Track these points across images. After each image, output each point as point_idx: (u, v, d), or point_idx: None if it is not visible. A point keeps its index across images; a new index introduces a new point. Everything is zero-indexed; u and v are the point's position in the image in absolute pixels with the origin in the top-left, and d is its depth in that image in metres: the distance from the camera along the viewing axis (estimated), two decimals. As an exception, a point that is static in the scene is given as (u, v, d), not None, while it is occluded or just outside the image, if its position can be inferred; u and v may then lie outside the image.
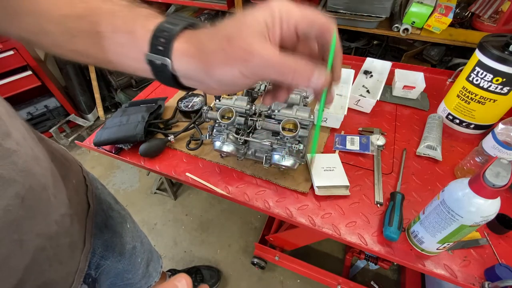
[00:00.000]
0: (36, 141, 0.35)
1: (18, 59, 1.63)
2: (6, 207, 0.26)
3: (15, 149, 0.28)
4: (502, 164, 0.38)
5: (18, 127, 0.32)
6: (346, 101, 0.78)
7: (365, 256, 1.13)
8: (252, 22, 0.24)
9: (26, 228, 0.28)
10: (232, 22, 0.25)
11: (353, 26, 1.22)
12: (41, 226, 0.31)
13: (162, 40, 0.25)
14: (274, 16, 0.25)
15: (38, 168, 0.32)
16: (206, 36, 0.25)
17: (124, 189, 1.77)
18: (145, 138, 0.74)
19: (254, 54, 0.24)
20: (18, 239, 0.28)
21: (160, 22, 0.26)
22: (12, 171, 0.27)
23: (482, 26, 1.07)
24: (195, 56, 0.25)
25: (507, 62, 0.61)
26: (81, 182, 0.47)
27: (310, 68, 0.25)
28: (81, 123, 2.04)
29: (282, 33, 0.26)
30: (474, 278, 0.51)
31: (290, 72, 0.24)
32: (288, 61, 0.24)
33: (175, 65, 0.26)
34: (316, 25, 0.26)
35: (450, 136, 0.77)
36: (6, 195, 0.26)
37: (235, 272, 1.36)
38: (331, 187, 0.64)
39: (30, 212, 0.29)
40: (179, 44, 0.25)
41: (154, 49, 0.25)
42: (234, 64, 0.24)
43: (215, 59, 0.24)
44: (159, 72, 0.26)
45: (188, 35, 0.26)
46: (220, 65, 0.25)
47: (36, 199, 0.30)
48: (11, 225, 0.27)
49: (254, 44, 0.24)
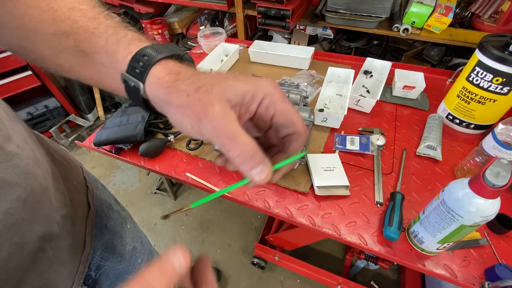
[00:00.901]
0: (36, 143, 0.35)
1: (18, 59, 1.63)
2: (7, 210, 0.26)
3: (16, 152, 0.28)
4: (502, 164, 0.38)
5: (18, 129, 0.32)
6: (346, 101, 0.78)
7: (365, 256, 1.13)
8: (228, 87, 0.24)
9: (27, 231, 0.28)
10: (215, 76, 0.25)
11: (353, 26, 1.22)
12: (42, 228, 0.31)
13: (140, 63, 0.25)
14: (255, 95, 0.24)
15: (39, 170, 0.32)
16: (183, 75, 0.25)
17: (124, 189, 1.77)
18: (145, 138, 0.74)
19: (208, 117, 0.22)
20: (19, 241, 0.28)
21: (143, 46, 0.26)
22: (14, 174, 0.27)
23: (482, 26, 1.07)
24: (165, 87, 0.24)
25: (507, 62, 0.61)
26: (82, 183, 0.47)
27: (258, 159, 0.23)
28: (81, 123, 2.04)
29: (257, 114, 0.25)
30: (474, 278, 0.51)
31: (236, 151, 0.23)
32: (239, 138, 0.23)
33: (147, 90, 0.25)
34: (293, 127, 0.26)
35: (450, 136, 0.77)
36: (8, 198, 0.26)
37: (235, 272, 1.36)
38: (331, 187, 0.64)
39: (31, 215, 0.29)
40: (156, 71, 0.25)
41: (131, 71, 0.25)
42: (187, 114, 0.23)
43: (177, 99, 0.24)
44: (131, 93, 0.26)
45: (168, 65, 0.26)
46: (177, 107, 0.24)
47: (37, 201, 0.30)
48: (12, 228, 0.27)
49: (215, 107, 0.22)
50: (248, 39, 1.54)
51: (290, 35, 1.52)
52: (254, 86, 0.24)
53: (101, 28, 0.27)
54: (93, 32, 0.27)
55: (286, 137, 0.27)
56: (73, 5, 0.27)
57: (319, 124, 0.80)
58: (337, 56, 1.09)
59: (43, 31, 0.27)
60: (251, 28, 1.60)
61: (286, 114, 0.25)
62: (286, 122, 0.26)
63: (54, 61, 0.29)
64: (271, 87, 0.25)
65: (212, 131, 0.23)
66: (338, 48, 1.44)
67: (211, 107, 0.22)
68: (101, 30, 0.27)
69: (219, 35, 1.15)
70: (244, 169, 0.23)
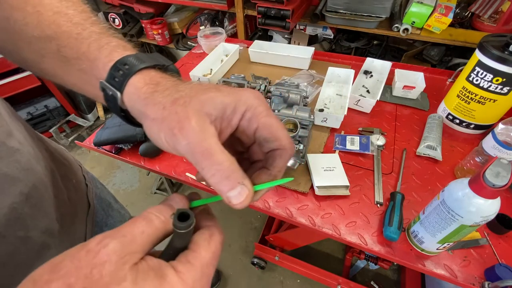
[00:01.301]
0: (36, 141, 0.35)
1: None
2: (11, 204, 0.26)
3: (18, 148, 0.29)
4: (502, 164, 0.38)
5: (18, 127, 0.32)
6: (346, 101, 0.78)
7: (365, 256, 1.13)
8: (207, 100, 0.22)
9: (30, 225, 0.29)
10: (195, 87, 0.23)
11: (353, 26, 1.22)
12: (45, 224, 0.31)
13: (120, 72, 0.24)
14: (237, 108, 0.22)
15: (40, 167, 0.32)
16: (162, 86, 0.23)
17: (124, 189, 1.77)
18: (145, 138, 0.74)
19: (184, 132, 0.20)
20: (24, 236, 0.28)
21: (126, 55, 0.25)
22: (16, 169, 0.28)
23: (482, 26, 1.07)
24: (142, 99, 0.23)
25: (507, 62, 0.61)
26: (81, 182, 0.47)
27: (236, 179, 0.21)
28: (81, 123, 2.04)
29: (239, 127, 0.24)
30: (474, 278, 0.51)
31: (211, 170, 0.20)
32: (216, 155, 0.20)
33: (124, 100, 0.24)
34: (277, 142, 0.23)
35: (450, 136, 0.77)
36: (11, 193, 0.27)
37: (235, 272, 1.36)
38: (331, 187, 0.63)
39: (34, 210, 0.29)
40: (136, 81, 0.24)
41: (110, 79, 0.24)
42: (161, 128, 0.22)
43: (153, 112, 0.22)
44: (109, 102, 0.25)
45: (149, 75, 0.24)
46: (152, 120, 0.22)
47: (39, 197, 0.31)
48: (17, 222, 0.27)
49: (191, 121, 0.20)
50: (248, 39, 1.54)
51: (290, 35, 1.52)
52: (236, 98, 0.23)
53: (85, 34, 0.26)
54: (76, 37, 0.26)
55: (270, 152, 0.25)
56: (59, 9, 0.27)
57: (319, 124, 0.80)
58: (337, 56, 1.09)
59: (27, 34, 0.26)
60: (251, 28, 1.60)
61: (270, 128, 0.23)
62: (270, 136, 0.23)
63: (38, 65, 0.28)
64: (254, 99, 0.23)
65: (186, 147, 0.20)
66: (338, 48, 1.44)
67: (187, 121, 0.21)
68: (84, 36, 0.26)
69: (219, 35, 1.15)
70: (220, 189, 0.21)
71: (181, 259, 0.19)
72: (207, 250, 0.20)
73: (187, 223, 0.19)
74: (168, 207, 0.21)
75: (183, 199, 0.23)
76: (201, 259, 0.19)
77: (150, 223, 0.19)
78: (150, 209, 0.20)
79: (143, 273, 0.17)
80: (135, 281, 0.16)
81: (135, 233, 0.18)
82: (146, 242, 0.18)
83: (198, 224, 0.22)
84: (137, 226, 0.18)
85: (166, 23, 1.71)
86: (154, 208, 0.20)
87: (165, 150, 0.24)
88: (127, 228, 0.18)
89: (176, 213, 0.19)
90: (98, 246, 0.17)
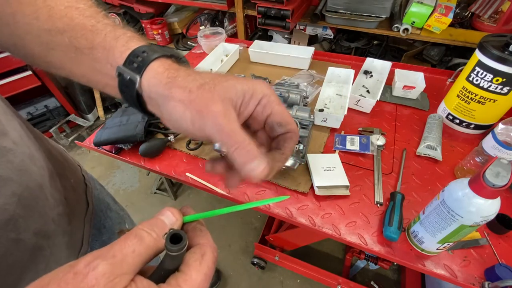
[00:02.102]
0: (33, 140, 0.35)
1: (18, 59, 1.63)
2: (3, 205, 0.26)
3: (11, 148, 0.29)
4: (502, 164, 0.38)
5: (14, 125, 0.32)
6: (346, 101, 0.78)
7: (365, 256, 1.13)
8: (230, 87, 0.25)
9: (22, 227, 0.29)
10: (216, 76, 0.25)
11: (353, 26, 1.22)
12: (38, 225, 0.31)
13: (139, 58, 0.25)
14: (254, 94, 0.26)
15: (35, 167, 0.32)
16: (183, 72, 0.25)
17: (124, 189, 1.77)
18: (145, 138, 0.74)
19: (211, 112, 0.23)
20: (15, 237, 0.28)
21: (142, 45, 0.26)
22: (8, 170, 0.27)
23: (482, 26, 1.07)
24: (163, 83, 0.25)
25: (507, 62, 0.61)
26: (80, 181, 0.47)
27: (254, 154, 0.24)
28: (81, 123, 2.05)
29: (253, 113, 0.27)
30: (474, 278, 0.51)
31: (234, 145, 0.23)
32: (238, 135, 0.23)
33: (143, 83, 0.25)
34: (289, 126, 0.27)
35: (450, 136, 0.77)
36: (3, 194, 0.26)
37: (235, 272, 1.36)
38: (331, 187, 0.64)
39: (27, 211, 0.29)
40: (156, 66, 0.25)
41: (128, 64, 0.25)
42: (189, 108, 0.24)
43: (178, 93, 0.24)
44: (125, 87, 0.26)
45: (167, 62, 0.26)
46: (179, 102, 0.24)
47: (33, 197, 0.30)
48: (8, 224, 0.27)
49: (218, 104, 0.23)
50: (248, 39, 1.54)
51: (290, 35, 1.52)
52: (253, 86, 0.26)
53: (99, 26, 0.27)
54: (91, 29, 0.27)
55: (281, 136, 0.29)
56: (70, 3, 0.27)
57: (319, 124, 0.80)
58: (337, 56, 1.09)
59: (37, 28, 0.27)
60: (251, 28, 1.60)
61: (282, 114, 0.27)
62: (283, 121, 0.27)
63: (45, 58, 0.28)
64: (268, 89, 0.27)
65: (215, 127, 0.23)
66: (338, 48, 1.44)
67: (215, 104, 0.23)
68: (99, 27, 0.27)
69: (219, 35, 1.15)
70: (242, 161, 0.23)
71: (171, 283, 0.19)
72: (198, 272, 0.19)
73: (179, 246, 0.19)
74: (160, 223, 0.21)
75: (176, 213, 0.22)
76: (192, 282, 0.19)
77: (142, 241, 0.19)
78: (141, 225, 0.20)
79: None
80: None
81: (126, 253, 0.18)
82: (137, 262, 0.18)
83: (190, 242, 0.22)
84: (128, 244, 0.18)
85: (166, 23, 1.71)
86: (146, 224, 0.20)
87: (185, 131, 0.26)
88: (118, 246, 0.18)
89: (169, 234, 0.19)
90: (87, 268, 0.16)
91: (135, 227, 0.20)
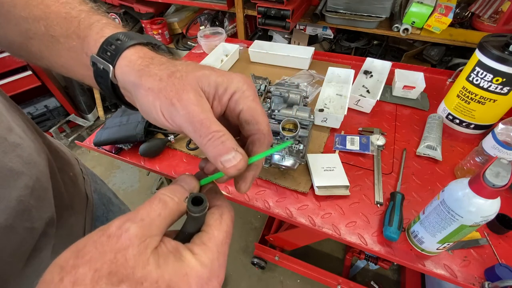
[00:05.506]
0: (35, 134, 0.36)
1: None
2: (18, 197, 0.27)
3: (19, 143, 0.29)
4: (502, 164, 0.38)
5: (18, 121, 0.32)
6: (346, 101, 0.78)
7: (365, 256, 1.13)
8: (203, 76, 0.23)
9: (36, 216, 0.30)
10: (189, 64, 0.24)
11: (353, 26, 1.22)
12: (48, 214, 0.32)
13: (113, 47, 0.24)
14: (228, 88, 0.24)
15: (41, 159, 0.33)
16: (157, 60, 0.24)
17: (124, 189, 1.77)
18: (145, 138, 0.74)
19: (182, 100, 0.22)
20: (30, 226, 0.29)
21: (118, 32, 0.25)
22: (19, 163, 0.28)
23: (482, 26, 1.07)
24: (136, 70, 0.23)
25: (507, 62, 0.61)
26: (79, 175, 0.47)
27: (230, 145, 0.21)
28: (81, 123, 2.05)
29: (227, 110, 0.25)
30: (474, 278, 0.51)
31: (207, 135, 0.21)
32: (212, 125, 0.22)
33: (116, 72, 0.24)
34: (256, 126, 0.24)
35: (450, 136, 0.77)
36: (17, 186, 0.27)
37: (235, 272, 1.36)
38: (331, 187, 0.63)
39: (38, 202, 0.30)
40: (130, 54, 0.24)
41: (102, 53, 0.24)
42: (159, 97, 0.22)
43: (149, 82, 0.23)
44: (100, 77, 0.25)
45: (142, 50, 0.25)
46: (148, 90, 0.22)
47: (42, 189, 0.31)
48: (24, 214, 0.28)
49: (189, 93, 0.22)
50: (248, 39, 1.54)
51: (290, 35, 1.52)
52: (228, 79, 0.24)
53: (74, 13, 0.26)
54: (65, 16, 0.26)
55: (250, 138, 0.25)
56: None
57: (319, 124, 0.80)
58: (337, 56, 1.09)
59: (14, 15, 0.26)
60: (251, 28, 1.60)
61: (253, 112, 0.24)
62: (251, 119, 0.24)
63: (25, 47, 0.28)
64: (244, 83, 0.24)
65: (185, 116, 0.22)
66: (338, 48, 1.44)
67: (186, 92, 0.22)
68: (73, 14, 0.26)
69: (219, 35, 1.15)
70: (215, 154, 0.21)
71: (196, 242, 0.20)
72: (220, 230, 0.21)
73: (201, 207, 0.20)
74: (180, 189, 0.22)
75: (193, 180, 0.23)
76: (215, 239, 0.20)
77: (166, 205, 0.20)
78: (163, 190, 0.21)
79: (164, 256, 0.18)
80: (157, 264, 0.17)
81: (153, 216, 0.19)
82: (163, 224, 0.19)
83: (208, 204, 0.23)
84: (154, 209, 0.19)
85: (166, 23, 1.71)
86: (167, 189, 0.21)
87: (155, 121, 0.24)
88: (144, 211, 0.19)
89: (190, 197, 0.20)
90: (119, 230, 0.17)
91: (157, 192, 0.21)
